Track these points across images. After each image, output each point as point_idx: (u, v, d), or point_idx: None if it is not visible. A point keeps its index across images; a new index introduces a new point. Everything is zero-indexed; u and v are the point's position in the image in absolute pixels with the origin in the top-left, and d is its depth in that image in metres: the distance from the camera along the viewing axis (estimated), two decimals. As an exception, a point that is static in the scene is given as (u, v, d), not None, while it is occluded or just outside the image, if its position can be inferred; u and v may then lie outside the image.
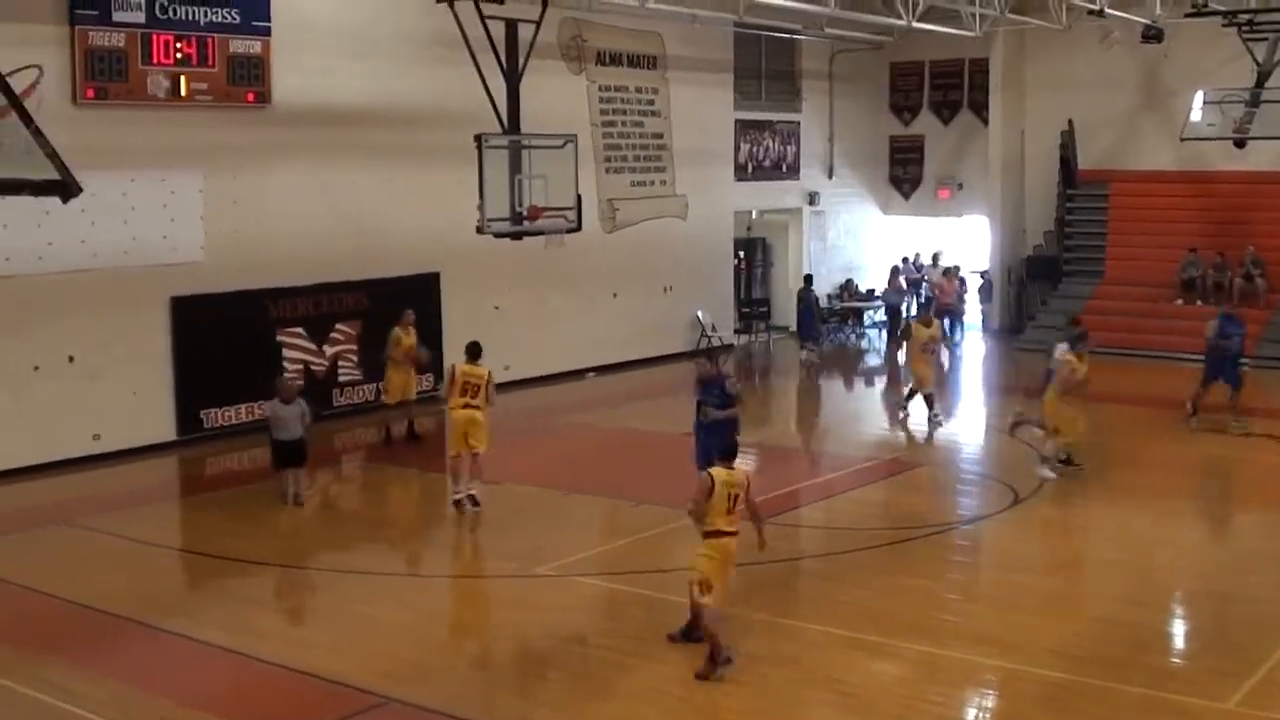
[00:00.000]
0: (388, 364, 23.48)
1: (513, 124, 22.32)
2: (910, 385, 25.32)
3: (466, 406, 18.61)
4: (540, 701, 12.38)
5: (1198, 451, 22.36)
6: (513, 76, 22.44)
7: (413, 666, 13.04)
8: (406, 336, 23.19)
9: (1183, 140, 32.40)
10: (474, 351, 19.03)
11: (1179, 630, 14.99)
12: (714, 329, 33.42)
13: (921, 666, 13.08)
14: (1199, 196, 34.59)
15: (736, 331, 35.18)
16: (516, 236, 22.80)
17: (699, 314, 33.22)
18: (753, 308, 36.49)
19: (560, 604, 15.03)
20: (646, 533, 17.71)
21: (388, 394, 23.61)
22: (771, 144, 36.02)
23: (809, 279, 34.57)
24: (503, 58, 22.18)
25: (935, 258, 37.71)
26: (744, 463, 14.36)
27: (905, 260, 37.64)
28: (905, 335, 25.12)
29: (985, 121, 37.59)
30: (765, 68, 35.79)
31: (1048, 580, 16.07)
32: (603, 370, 30.19)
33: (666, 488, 20.01)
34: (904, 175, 40.04)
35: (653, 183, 32.08)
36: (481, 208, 21.19)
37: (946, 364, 24.68)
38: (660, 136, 32.15)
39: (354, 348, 25.54)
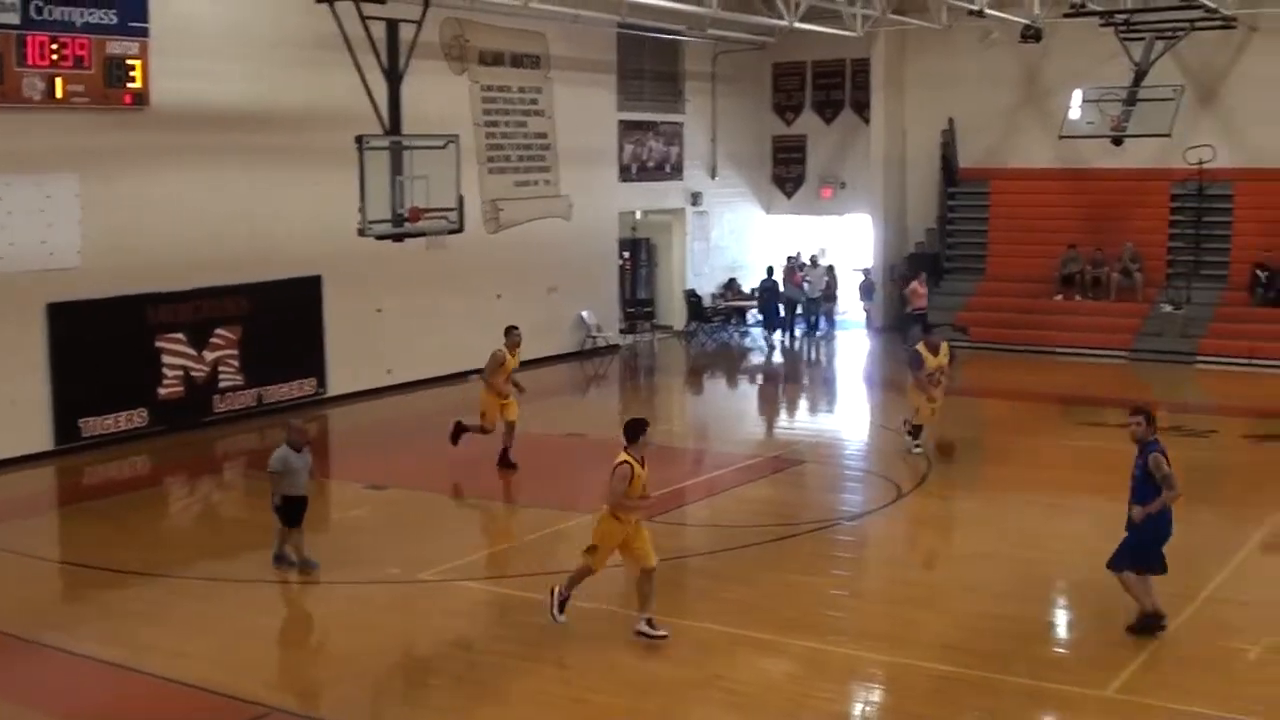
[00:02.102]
0: (485, 389, 21.11)
1: (394, 125, 22.24)
2: (913, 418, 22.31)
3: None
4: (427, 708, 12.31)
5: (1076, 445, 22.65)
6: (394, 77, 22.37)
7: (297, 676, 12.93)
8: (513, 359, 21.04)
9: (1061, 138, 32.86)
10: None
11: (1061, 621, 15.23)
12: (599, 329, 33.45)
13: (809, 663, 13.16)
14: (1078, 194, 35.10)
15: (622, 331, 35.20)
16: (398, 238, 22.69)
17: (584, 315, 33.22)
18: (638, 308, 36.55)
19: (446, 609, 14.93)
20: (531, 535, 17.69)
21: (486, 420, 21.00)
22: (655, 144, 36.07)
23: (771, 270, 36.62)
24: (384, 58, 22.07)
25: (814, 259, 37.89)
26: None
27: (790, 259, 37.81)
28: (915, 365, 22.02)
29: (867, 121, 37.89)
30: (648, 68, 35.83)
31: (932, 574, 16.24)
32: (488, 372, 29.99)
33: (551, 490, 20.04)
34: (787, 175, 40.26)
35: (536, 183, 32.00)
36: (363, 209, 21.07)
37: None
38: (544, 136, 32.08)
39: (235, 353, 25.14)
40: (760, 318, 37.38)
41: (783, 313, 36.77)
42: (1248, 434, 24.10)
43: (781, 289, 36.83)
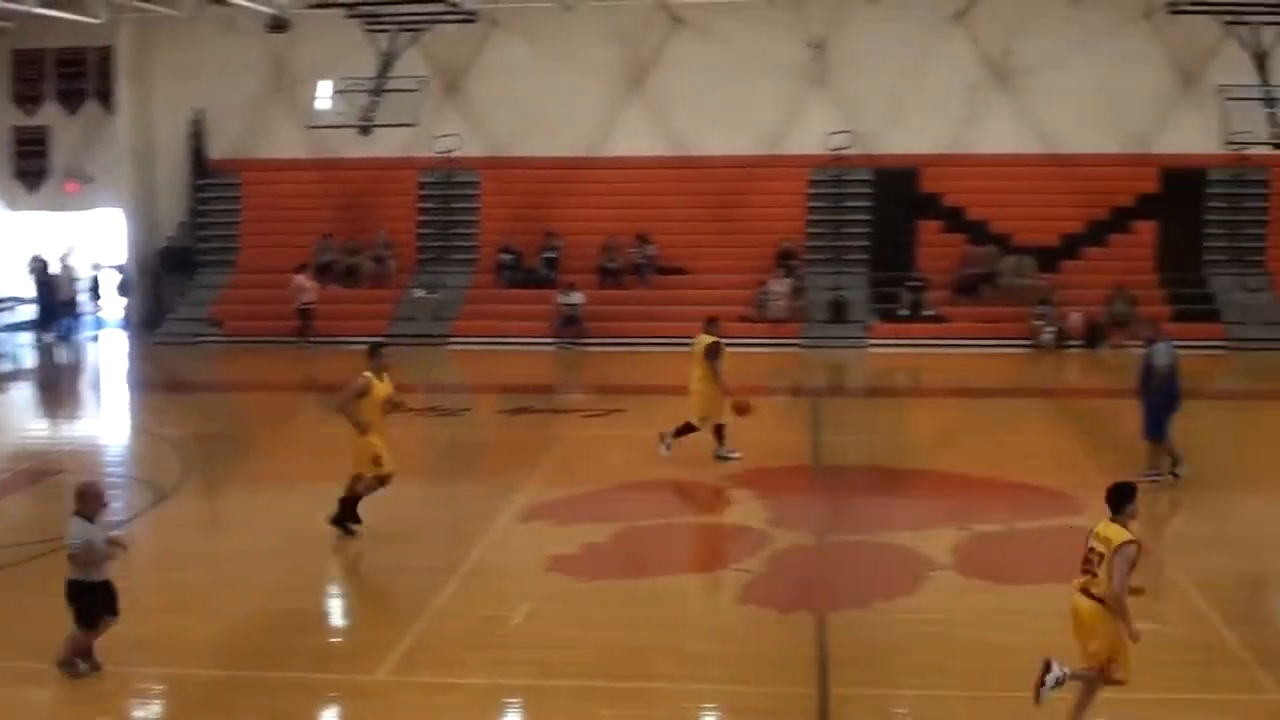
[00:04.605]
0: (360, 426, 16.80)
1: None
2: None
3: None
4: None
5: (331, 433, 22.72)
6: None
7: None
8: (381, 383, 16.99)
9: (309, 128, 33.08)
10: None
11: (332, 610, 15.31)
12: None
13: (70, 687, 12.34)
14: (330, 183, 35.66)
15: None
16: None
17: None
18: None
19: None
20: None
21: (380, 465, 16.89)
22: (-121, 137, 33.33)
23: (45, 265, 35.33)
24: None
25: (63, 258, 36.26)
26: None
27: (33, 260, 35.94)
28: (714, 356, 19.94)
29: (113, 111, 36.66)
30: None
31: (199, 577, 15.72)
32: None
33: None
34: (29, 168, 38.28)
35: None
36: None
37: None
38: None
39: None
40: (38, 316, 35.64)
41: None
42: (500, 409, 25.14)
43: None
